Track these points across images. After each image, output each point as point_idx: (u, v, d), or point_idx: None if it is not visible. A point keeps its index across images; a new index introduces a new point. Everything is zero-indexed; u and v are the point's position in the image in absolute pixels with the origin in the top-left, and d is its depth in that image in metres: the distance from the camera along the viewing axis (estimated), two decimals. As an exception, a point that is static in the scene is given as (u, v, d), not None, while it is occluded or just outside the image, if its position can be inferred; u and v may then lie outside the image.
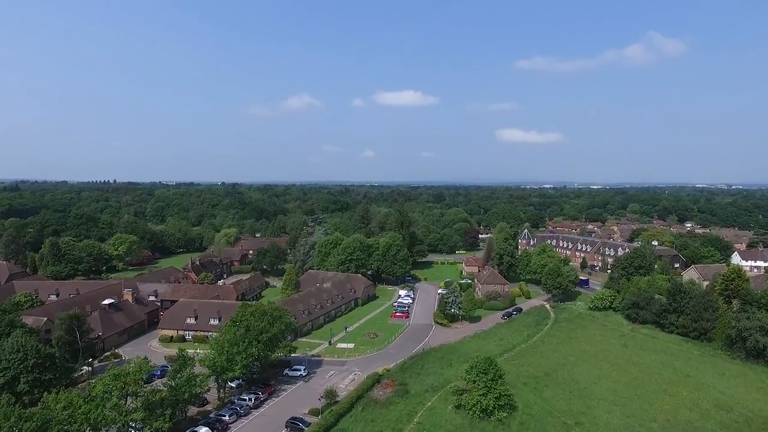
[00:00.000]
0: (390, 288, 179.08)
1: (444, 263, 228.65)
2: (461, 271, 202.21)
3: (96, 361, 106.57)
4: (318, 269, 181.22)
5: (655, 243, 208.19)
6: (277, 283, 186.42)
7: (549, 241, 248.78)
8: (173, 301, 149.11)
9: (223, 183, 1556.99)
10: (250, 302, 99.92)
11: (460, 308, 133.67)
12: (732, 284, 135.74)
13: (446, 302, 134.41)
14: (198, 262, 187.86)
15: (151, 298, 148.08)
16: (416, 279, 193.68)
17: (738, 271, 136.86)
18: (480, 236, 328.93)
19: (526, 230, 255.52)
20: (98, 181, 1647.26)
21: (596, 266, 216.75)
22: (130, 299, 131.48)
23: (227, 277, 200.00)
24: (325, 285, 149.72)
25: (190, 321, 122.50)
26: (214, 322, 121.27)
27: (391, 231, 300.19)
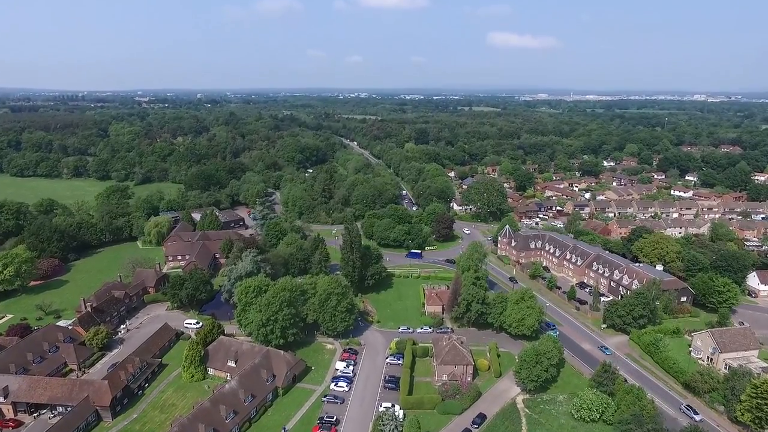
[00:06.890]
0: (329, 346, 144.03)
1: (408, 277, 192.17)
2: (423, 305, 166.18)
3: None
4: (236, 323, 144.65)
5: (659, 268, 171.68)
6: (194, 322, 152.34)
7: (533, 243, 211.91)
8: (30, 405, 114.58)
9: (199, 98, 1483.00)
10: None
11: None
12: (766, 404, 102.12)
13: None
14: (91, 306, 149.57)
15: (0, 400, 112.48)
16: (366, 321, 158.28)
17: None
18: (457, 209, 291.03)
19: (507, 227, 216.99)
20: (65, 95, 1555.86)
21: (586, 288, 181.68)
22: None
23: (136, 313, 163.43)
24: (227, 386, 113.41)
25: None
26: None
27: (356, 207, 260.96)
